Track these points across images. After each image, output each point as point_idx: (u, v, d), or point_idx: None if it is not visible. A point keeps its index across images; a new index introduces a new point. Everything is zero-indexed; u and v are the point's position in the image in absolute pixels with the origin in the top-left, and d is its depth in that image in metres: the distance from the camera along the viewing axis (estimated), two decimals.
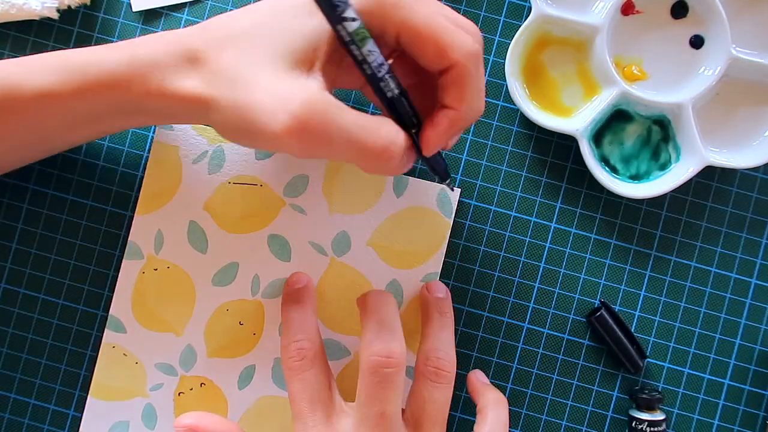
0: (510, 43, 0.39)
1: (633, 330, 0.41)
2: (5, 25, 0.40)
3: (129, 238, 0.40)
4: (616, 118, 0.40)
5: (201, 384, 0.40)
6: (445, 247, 0.40)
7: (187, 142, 0.40)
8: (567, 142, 0.41)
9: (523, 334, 0.41)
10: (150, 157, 0.40)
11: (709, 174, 0.41)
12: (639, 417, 0.39)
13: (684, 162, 0.40)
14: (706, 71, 0.40)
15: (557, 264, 0.41)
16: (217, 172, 0.40)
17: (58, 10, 0.40)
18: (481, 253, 0.41)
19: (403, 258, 0.40)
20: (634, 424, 0.39)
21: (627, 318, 0.41)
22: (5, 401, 0.40)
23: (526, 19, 0.39)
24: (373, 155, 0.30)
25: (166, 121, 0.35)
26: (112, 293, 0.40)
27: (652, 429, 0.39)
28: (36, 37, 0.40)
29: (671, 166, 0.40)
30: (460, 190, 0.40)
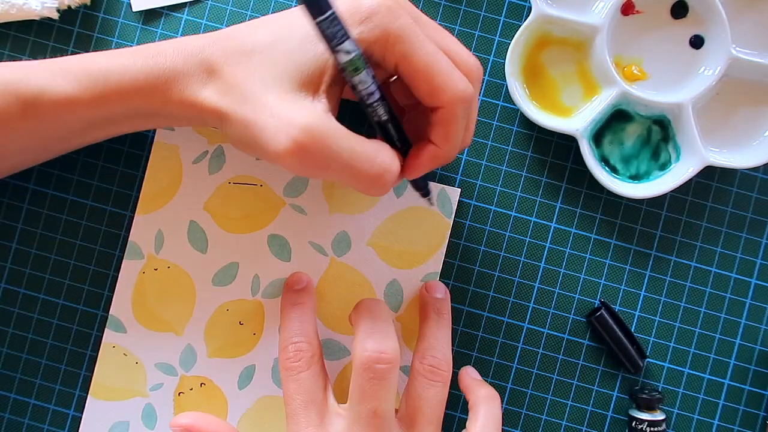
0: (510, 43, 0.39)
1: (633, 330, 0.41)
2: (5, 25, 0.40)
3: (129, 238, 0.40)
4: (616, 118, 0.40)
5: (201, 384, 0.40)
6: (445, 247, 0.40)
7: (188, 142, 0.40)
8: (567, 142, 0.41)
9: (523, 334, 0.41)
10: (150, 157, 0.40)
11: (709, 174, 0.41)
12: (639, 417, 0.39)
13: (684, 162, 0.40)
14: (706, 71, 0.40)
15: (557, 264, 0.41)
16: (217, 172, 0.40)
17: (58, 10, 0.40)
18: (481, 253, 0.41)
19: (403, 258, 0.40)
20: (634, 424, 0.39)
21: (627, 318, 0.41)
22: (5, 401, 0.40)
23: (526, 19, 0.39)
24: (367, 181, 0.31)
25: (183, 125, 0.37)
26: (112, 293, 0.40)
27: (652, 429, 0.39)
28: (36, 37, 0.40)
29: (671, 166, 0.40)
30: (460, 190, 0.40)
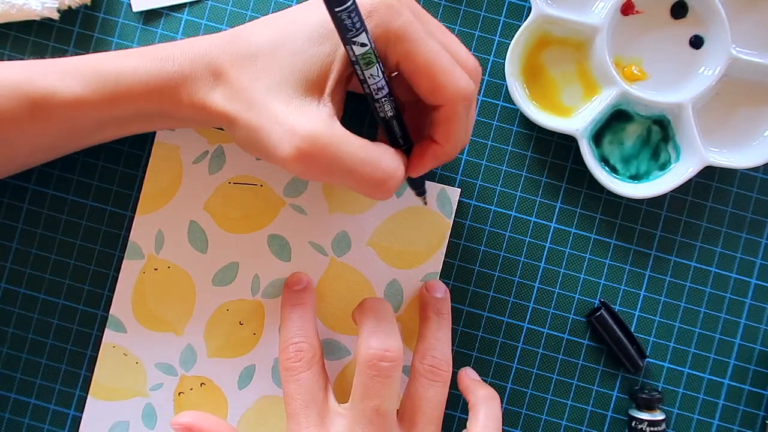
0: (510, 43, 0.39)
1: (633, 330, 0.41)
2: (5, 25, 0.40)
3: (129, 238, 0.40)
4: (616, 118, 0.40)
5: (201, 384, 0.40)
6: (445, 247, 0.40)
7: (188, 142, 0.40)
8: (567, 142, 0.41)
9: (523, 334, 0.41)
10: (150, 157, 0.40)
11: (709, 174, 0.41)
12: (639, 417, 0.39)
13: (684, 162, 0.40)
14: (706, 71, 0.40)
15: (557, 264, 0.41)
16: (217, 172, 0.40)
17: (59, 11, 0.40)
18: (481, 253, 0.41)
19: (403, 258, 0.40)
20: (634, 424, 0.39)
21: (627, 318, 0.41)
22: (5, 401, 0.40)
23: (526, 19, 0.39)
24: (371, 187, 0.32)
25: (193, 126, 0.37)
26: (112, 293, 0.40)
27: (652, 429, 0.39)
28: (36, 38, 0.40)
29: (671, 166, 0.40)
30: (460, 190, 0.40)
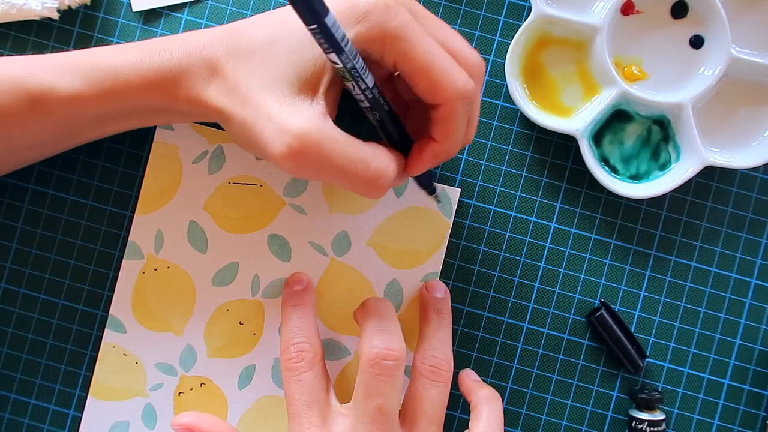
0: (510, 43, 0.39)
1: (633, 330, 0.41)
2: (5, 25, 0.40)
3: (129, 238, 0.40)
4: (616, 118, 0.40)
5: (201, 384, 0.40)
6: (445, 247, 0.40)
7: (187, 142, 0.40)
8: (567, 142, 0.41)
9: (523, 334, 0.41)
10: (150, 157, 0.40)
11: (709, 174, 0.41)
12: (639, 417, 0.39)
13: (684, 162, 0.40)
14: (706, 71, 0.40)
15: (557, 264, 0.41)
16: (217, 172, 0.40)
17: (59, 10, 0.40)
18: (481, 253, 0.41)
19: (403, 258, 0.40)
20: (634, 424, 0.39)
21: (627, 318, 0.41)
22: (5, 401, 0.40)
23: (526, 19, 0.39)
24: (363, 185, 0.32)
25: (191, 120, 0.37)
26: (112, 293, 0.40)
27: (652, 429, 0.39)
28: (36, 37, 0.40)
29: (671, 166, 0.40)
30: (460, 190, 0.40)
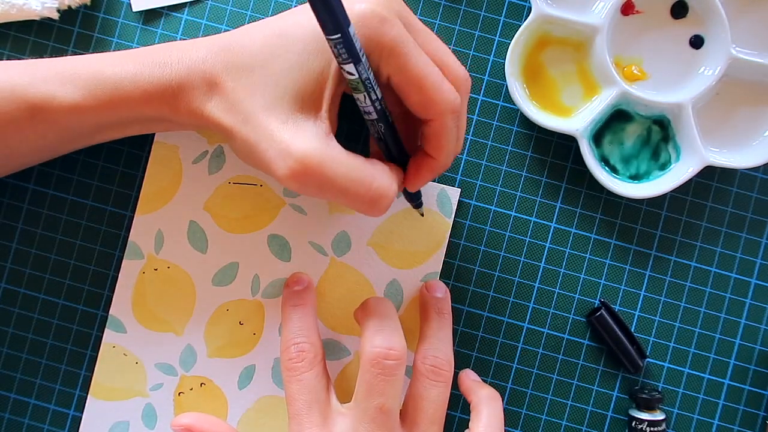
0: (510, 43, 0.39)
1: (633, 330, 0.41)
2: (5, 25, 0.40)
3: (129, 238, 0.40)
4: (616, 118, 0.40)
5: (201, 384, 0.40)
6: (445, 247, 0.40)
7: (187, 142, 0.40)
8: (567, 142, 0.41)
9: (523, 334, 0.41)
10: (150, 157, 0.40)
11: (709, 174, 0.41)
12: (639, 417, 0.39)
13: (684, 162, 0.40)
14: (706, 71, 0.40)
15: (557, 264, 0.41)
16: (217, 172, 0.40)
17: (59, 11, 0.40)
18: (481, 253, 0.41)
19: (403, 258, 0.40)
20: (634, 424, 0.39)
21: (627, 318, 0.41)
22: (5, 401, 0.40)
23: (526, 19, 0.39)
24: (364, 206, 0.32)
25: (192, 130, 0.37)
26: (112, 293, 0.40)
27: (652, 429, 0.39)
28: (36, 38, 0.40)
29: (671, 166, 0.40)
30: (460, 190, 0.40)
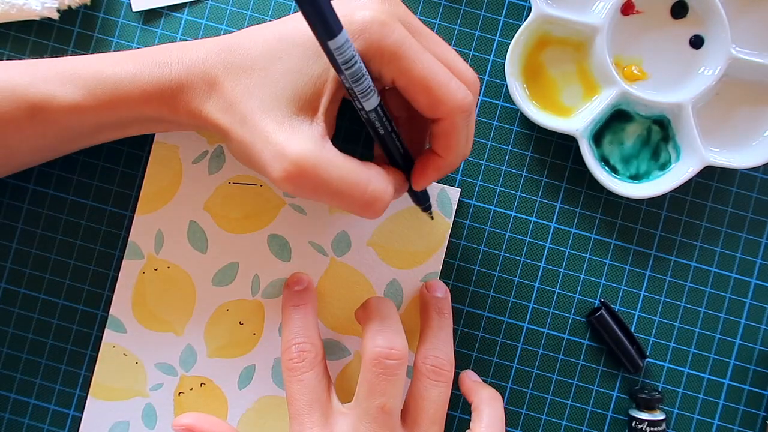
0: (510, 43, 0.39)
1: (633, 330, 0.41)
2: (5, 25, 0.40)
3: (129, 238, 0.40)
4: (616, 118, 0.40)
5: (201, 384, 0.40)
6: (445, 247, 0.40)
7: (187, 142, 0.40)
8: (567, 142, 0.41)
9: (523, 334, 0.41)
10: (150, 157, 0.40)
11: (709, 174, 0.41)
12: (639, 417, 0.39)
13: (684, 162, 0.40)
14: (706, 71, 0.40)
15: (557, 264, 0.41)
16: (217, 172, 0.40)
17: (59, 11, 0.40)
18: (481, 253, 0.41)
19: (403, 258, 0.40)
20: (634, 424, 0.39)
21: (627, 318, 0.41)
22: (5, 401, 0.40)
23: (526, 19, 0.39)
24: (359, 209, 0.32)
25: (192, 130, 0.37)
26: (112, 293, 0.40)
27: (652, 429, 0.39)
28: (36, 38, 0.40)
29: (671, 166, 0.40)
30: (460, 190, 0.40)
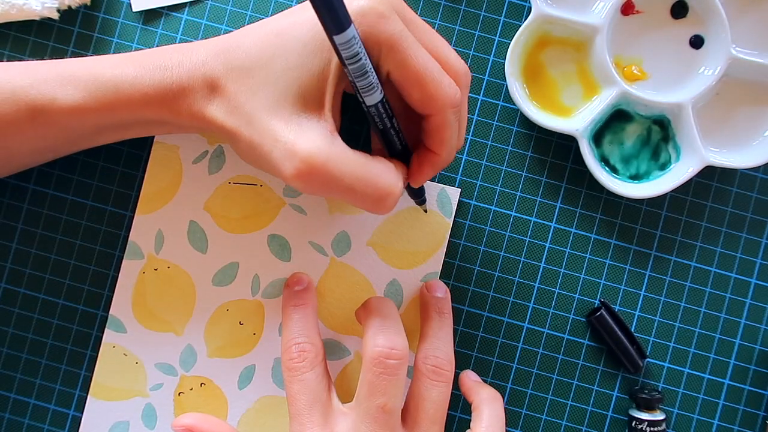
0: (510, 43, 0.39)
1: (633, 330, 0.41)
2: (5, 25, 0.40)
3: (129, 238, 0.40)
4: (616, 118, 0.40)
5: (201, 384, 0.40)
6: (445, 247, 0.40)
7: (188, 142, 0.40)
8: (567, 142, 0.41)
9: (523, 334, 0.41)
10: (150, 157, 0.40)
11: (709, 174, 0.41)
12: (639, 417, 0.39)
13: (684, 162, 0.40)
14: (706, 71, 0.40)
15: (557, 264, 0.41)
16: (217, 172, 0.40)
17: (59, 10, 0.40)
18: (481, 253, 0.41)
19: (403, 258, 0.40)
20: (634, 424, 0.39)
21: (627, 318, 0.41)
22: (5, 401, 0.40)
23: (526, 19, 0.39)
24: (371, 204, 0.32)
25: (194, 132, 0.37)
26: (112, 293, 0.40)
27: (652, 429, 0.39)
28: (36, 38, 0.40)
29: (671, 166, 0.40)
30: (460, 190, 0.40)
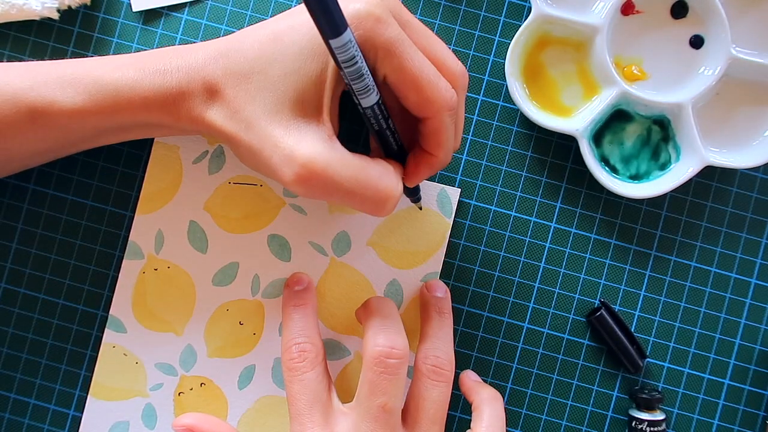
0: (510, 43, 0.39)
1: (633, 330, 0.41)
2: (5, 25, 0.40)
3: (129, 238, 0.40)
4: (616, 118, 0.40)
5: (201, 384, 0.40)
6: (445, 247, 0.40)
7: (188, 142, 0.40)
8: (567, 142, 0.41)
9: (523, 334, 0.41)
10: (150, 157, 0.40)
11: (709, 174, 0.41)
12: (639, 417, 0.39)
13: (684, 162, 0.40)
14: (706, 71, 0.40)
15: (557, 264, 0.41)
16: (217, 172, 0.40)
17: (59, 10, 0.40)
18: (481, 253, 0.41)
19: (403, 258, 0.40)
20: (634, 424, 0.39)
21: (627, 318, 0.41)
22: (5, 401, 0.40)
23: (526, 19, 0.39)
24: (371, 207, 0.32)
25: (194, 135, 0.37)
26: (112, 293, 0.40)
27: (652, 429, 0.39)
28: (36, 38, 0.40)
29: (671, 166, 0.40)
30: (460, 190, 0.40)
